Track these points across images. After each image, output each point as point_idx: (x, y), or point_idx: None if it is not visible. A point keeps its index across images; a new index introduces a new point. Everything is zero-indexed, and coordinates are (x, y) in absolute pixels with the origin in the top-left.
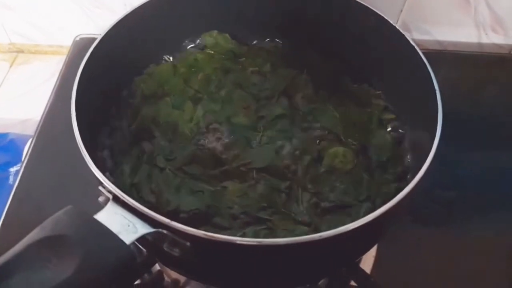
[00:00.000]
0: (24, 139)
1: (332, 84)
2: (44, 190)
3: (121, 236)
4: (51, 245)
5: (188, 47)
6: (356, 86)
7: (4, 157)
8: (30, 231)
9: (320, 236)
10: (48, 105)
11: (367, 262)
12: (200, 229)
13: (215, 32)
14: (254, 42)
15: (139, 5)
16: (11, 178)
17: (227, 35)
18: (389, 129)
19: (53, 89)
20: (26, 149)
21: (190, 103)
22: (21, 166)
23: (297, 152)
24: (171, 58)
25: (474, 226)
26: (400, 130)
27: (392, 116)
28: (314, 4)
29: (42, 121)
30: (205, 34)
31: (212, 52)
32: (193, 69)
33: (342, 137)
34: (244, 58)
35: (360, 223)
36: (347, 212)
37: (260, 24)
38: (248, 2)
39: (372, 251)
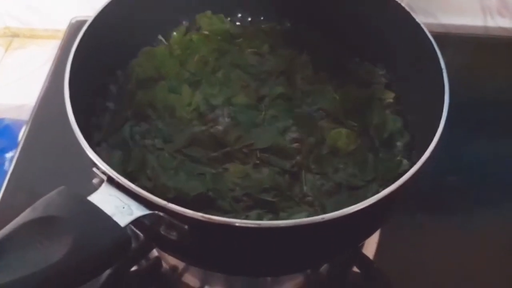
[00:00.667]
0: (19, 125)
1: (332, 64)
2: (39, 175)
3: (116, 218)
4: (42, 226)
5: (183, 28)
6: (357, 64)
7: (0, 142)
8: None
9: (322, 218)
10: (43, 89)
11: (370, 247)
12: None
13: (209, 13)
14: (249, 20)
15: None
16: (6, 164)
17: (222, 15)
18: (389, 108)
19: (48, 73)
20: (21, 134)
21: (187, 86)
22: (16, 152)
23: (300, 133)
24: (164, 40)
25: (479, 213)
26: (400, 109)
27: (393, 95)
28: None
29: (37, 106)
30: (200, 15)
31: (208, 33)
32: (188, 51)
33: (342, 119)
34: (241, 39)
35: (363, 205)
36: (353, 193)
37: (258, 3)
38: None
39: (375, 237)
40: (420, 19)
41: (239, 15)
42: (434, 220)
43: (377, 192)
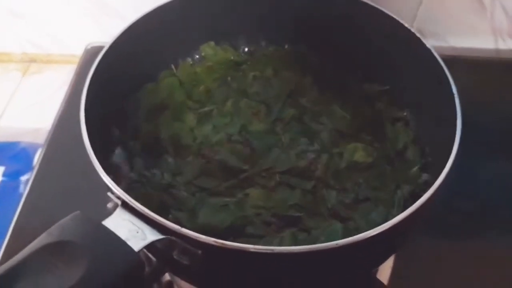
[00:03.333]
0: (35, 148)
1: (338, 85)
2: (54, 198)
3: (130, 243)
4: (57, 251)
5: (188, 61)
6: (361, 83)
7: (15, 165)
8: None
9: (337, 244)
10: (59, 113)
11: (384, 273)
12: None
13: (212, 43)
14: (252, 49)
15: (149, 11)
16: (21, 187)
17: (226, 46)
18: (400, 122)
19: (64, 97)
20: (37, 157)
21: (191, 114)
22: (31, 175)
23: (316, 152)
24: (175, 69)
25: (495, 238)
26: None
27: (401, 112)
28: (322, 7)
29: (53, 129)
30: (203, 46)
31: (211, 64)
32: (194, 83)
33: (356, 136)
34: (244, 66)
35: (378, 231)
36: (379, 202)
37: (263, 29)
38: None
39: (390, 262)
40: (430, 42)
41: (242, 42)
42: (449, 245)
43: (403, 197)
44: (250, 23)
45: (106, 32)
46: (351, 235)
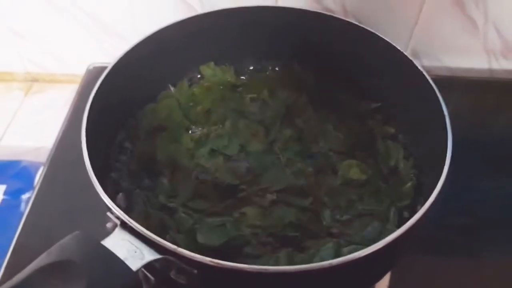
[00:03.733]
0: (36, 167)
1: (332, 103)
2: (55, 217)
3: (128, 263)
4: (57, 270)
5: (185, 82)
6: (356, 103)
7: (16, 184)
8: None
9: (330, 264)
10: (61, 133)
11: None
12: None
13: (212, 64)
14: (251, 68)
15: (150, 33)
16: (22, 205)
17: (224, 66)
18: (390, 139)
19: (66, 117)
20: (38, 176)
21: (187, 134)
22: (32, 193)
23: (312, 170)
24: (173, 90)
25: (489, 255)
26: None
27: (393, 130)
28: (318, 30)
29: (54, 148)
30: (202, 66)
31: (209, 84)
32: (191, 104)
33: (350, 154)
34: (241, 88)
35: (371, 250)
36: (375, 217)
37: (263, 51)
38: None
39: (385, 280)
40: (425, 62)
41: (241, 64)
42: (444, 262)
43: (397, 213)
44: (247, 45)
45: (106, 52)
46: (345, 254)
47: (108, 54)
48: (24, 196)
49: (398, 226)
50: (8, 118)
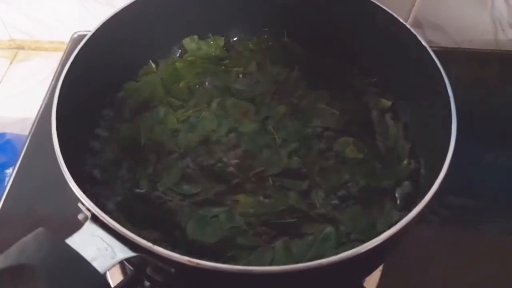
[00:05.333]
0: (21, 140)
1: (326, 78)
2: (37, 191)
3: (96, 263)
4: (14, 275)
5: (169, 53)
6: (351, 75)
7: (1, 158)
8: (20, 235)
9: (320, 264)
10: (44, 104)
11: (373, 277)
12: (227, 254)
13: (195, 37)
14: (236, 39)
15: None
16: (7, 180)
17: (209, 39)
18: (388, 113)
19: (49, 87)
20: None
21: (172, 116)
22: (14, 167)
23: (305, 150)
24: (154, 65)
25: (488, 238)
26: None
27: (389, 103)
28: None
29: (37, 120)
30: (186, 40)
31: (193, 58)
32: (174, 79)
33: (346, 131)
34: (227, 61)
35: (367, 247)
36: (367, 205)
37: (247, 20)
38: None
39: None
40: (427, 32)
41: (229, 34)
42: (440, 245)
43: (391, 201)
44: (235, 14)
45: (95, 19)
46: (343, 240)
47: (96, 21)
48: (8, 171)
49: (396, 207)
50: None
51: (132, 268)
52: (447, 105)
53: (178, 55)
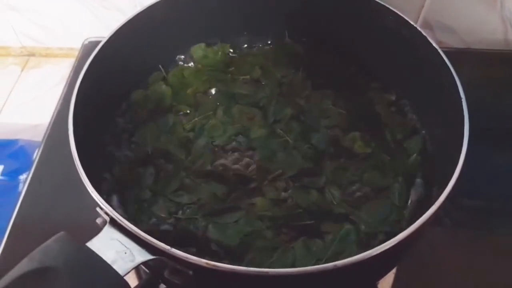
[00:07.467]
0: (34, 145)
1: (330, 78)
2: (52, 196)
3: (116, 266)
4: (38, 277)
5: (178, 60)
6: (353, 74)
7: (14, 164)
8: (38, 240)
9: (335, 266)
10: (56, 110)
11: (387, 279)
12: (247, 256)
13: (203, 45)
14: (245, 46)
15: (146, 7)
16: (21, 186)
17: (216, 47)
18: (392, 106)
19: (62, 93)
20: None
21: (180, 125)
22: (28, 173)
23: (316, 149)
24: (163, 71)
25: (501, 239)
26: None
27: (392, 97)
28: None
29: (50, 126)
30: (194, 48)
31: (200, 66)
32: (181, 86)
33: (353, 128)
34: (233, 68)
35: (382, 249)
36: (380, 195)
37: (256, 26)
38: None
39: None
40: (437, 33)
41: (237, 41)
42: (454, 247)
43: (402, 189)
44: (244, 20)
45: (104, 25)
46: (363, 238)
47: (105, 27)
48: (22, 177)
49: (406, 200)
50: (4, 94)
51: (148, 271)
52: (459, 105)
53: (185, 63)
